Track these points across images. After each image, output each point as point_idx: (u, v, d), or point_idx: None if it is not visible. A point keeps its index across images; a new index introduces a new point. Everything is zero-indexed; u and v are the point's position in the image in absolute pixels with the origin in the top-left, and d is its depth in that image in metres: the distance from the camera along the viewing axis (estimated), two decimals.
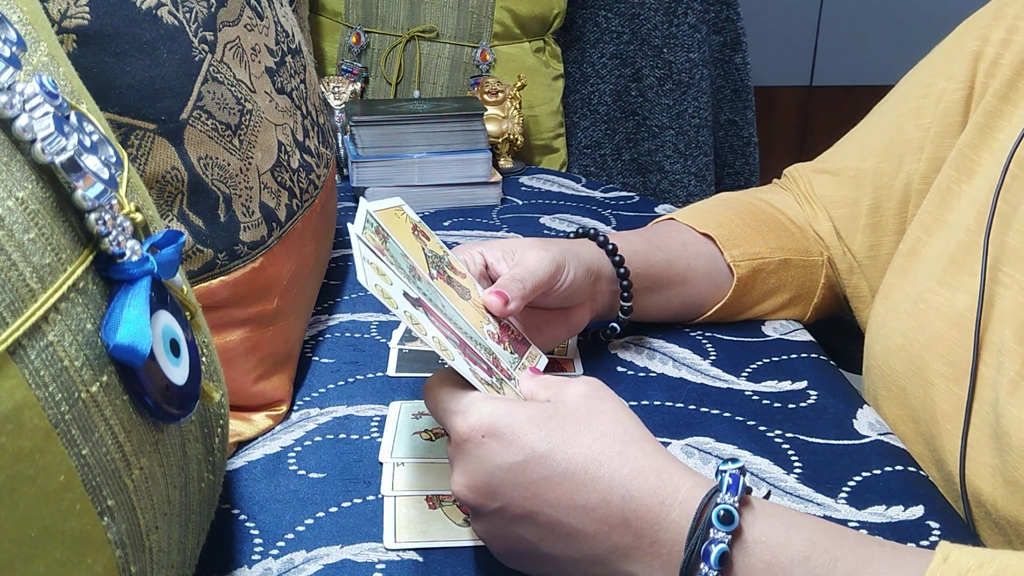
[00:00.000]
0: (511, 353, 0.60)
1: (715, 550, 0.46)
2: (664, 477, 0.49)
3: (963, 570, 0.45)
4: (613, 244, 0.78)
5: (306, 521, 0.62)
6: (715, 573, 0.46)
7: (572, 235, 0.81)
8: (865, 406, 0.76)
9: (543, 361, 0.68)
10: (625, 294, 0.78)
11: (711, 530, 0.47)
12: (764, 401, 0.76)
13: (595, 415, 0.52)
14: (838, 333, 0.96)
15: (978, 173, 0.72)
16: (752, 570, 0.47)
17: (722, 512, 0.47)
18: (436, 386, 0.57)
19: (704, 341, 0.84)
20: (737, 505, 0.47)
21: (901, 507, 0.64)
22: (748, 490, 0.49)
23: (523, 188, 1.29)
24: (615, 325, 0.81)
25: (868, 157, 0.84)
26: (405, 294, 0.57)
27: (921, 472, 0.68)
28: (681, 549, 0.48)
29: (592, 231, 0.79)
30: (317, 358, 0.82)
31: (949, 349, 0.67)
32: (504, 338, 0.61)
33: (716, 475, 0.50)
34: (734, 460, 0.50)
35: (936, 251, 0.72)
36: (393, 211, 0.66)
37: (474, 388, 0.55)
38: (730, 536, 0.47)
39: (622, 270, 0.78)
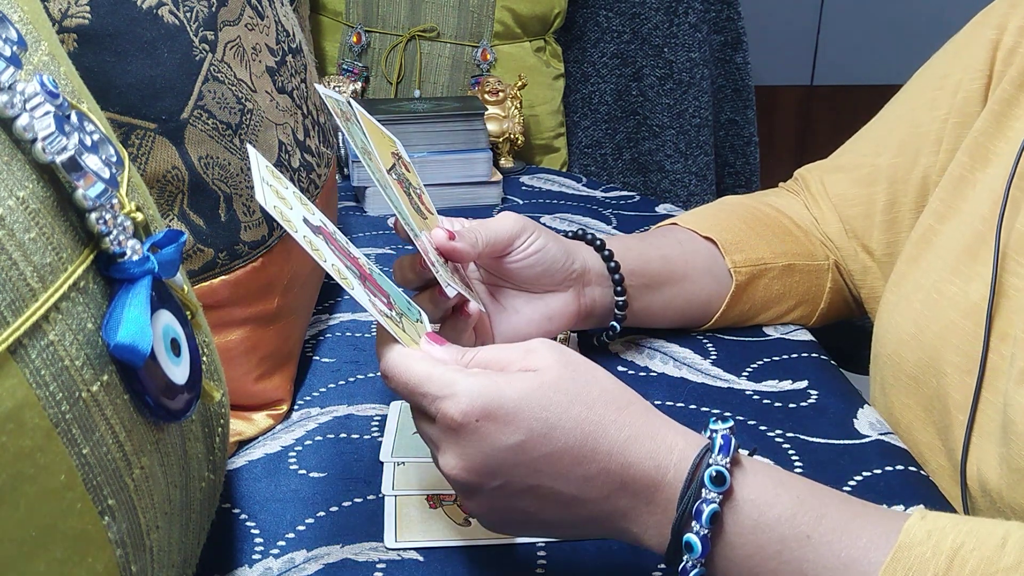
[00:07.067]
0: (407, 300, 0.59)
1: (707, 510, 0.48)
2: (658, 440, 0.51)
3: (937, 528, 0.46)
4: (602, 241, 0.77)
5: (307, 520, 0.62)
6: (706, 531, 0.48)
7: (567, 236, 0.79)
8: (866, 406, 0.75)
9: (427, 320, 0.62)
10: (619, 288, 0.77)
11: (703, 490, 0.48)
12: (765, 401, 0.76)
13: (581, 384, 0.52)
14: (850, 337, 0.95)
15: (993, 162, 0.71)
16: (741, 527, 0.49)
17: (714, 473, 0.48)
18: (400, 367, 0.53)
19: (705, 341, 0.84)
20: (728, 465, 0.49)
21: (902, 506, 0.64)
22: (739, 447, 0.50)
23: (524, 188, 1.29)
24: (614, 324, 0.80)
25: (882, 153, 0.83)
26: (305, 220, 0.55)
27: (922, 472, 0.68)
28: (675, 508, 0.49)
29: (583, 232, 0.79)
30: (317, 358, 0.82)
31: (963, 339, 0.67)
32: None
33: (706, 432, 0.51)
34: (724, 419, 0.51)
35: (950, 240, 0.71)
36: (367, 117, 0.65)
37: (436, 364, 0.53)
38: (721, 496, 0.48)
39: (612, 264, 0.77)
